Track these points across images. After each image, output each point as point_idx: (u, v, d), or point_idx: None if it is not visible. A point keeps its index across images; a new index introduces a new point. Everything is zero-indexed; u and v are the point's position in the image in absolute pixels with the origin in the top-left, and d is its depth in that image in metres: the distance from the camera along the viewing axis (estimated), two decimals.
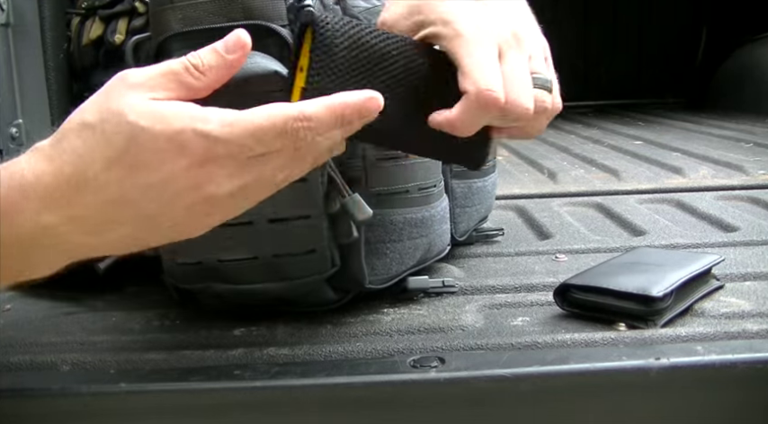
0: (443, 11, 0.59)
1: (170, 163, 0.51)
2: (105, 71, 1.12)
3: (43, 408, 0.61)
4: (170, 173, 0.51)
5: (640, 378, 0.61)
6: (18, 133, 1.12)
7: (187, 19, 0.67)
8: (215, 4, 0.66)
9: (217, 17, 0.66)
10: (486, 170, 0.92)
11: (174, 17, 0.67)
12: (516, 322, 0.72)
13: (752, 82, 2.40)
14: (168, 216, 0.53)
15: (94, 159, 0.51)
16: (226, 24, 0.66)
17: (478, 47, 0.58)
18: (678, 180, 1.36)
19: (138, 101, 0.52)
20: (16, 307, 0.80)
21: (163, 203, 0.52)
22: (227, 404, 0.61)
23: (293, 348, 0.67)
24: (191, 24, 0.67)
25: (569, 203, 1.20)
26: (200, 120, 0.51)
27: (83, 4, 1.12)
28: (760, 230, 0.99)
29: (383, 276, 0.74)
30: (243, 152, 0.52)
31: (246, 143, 0.52)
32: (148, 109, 0.52)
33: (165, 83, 0.53)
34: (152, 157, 0.51)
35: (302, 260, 0.69)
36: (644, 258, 0.79)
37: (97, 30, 1.09)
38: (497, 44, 0.59)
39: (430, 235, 0.78)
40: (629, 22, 2.88)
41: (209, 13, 0.67)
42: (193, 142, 0.51)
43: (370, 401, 0.61)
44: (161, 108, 0.52)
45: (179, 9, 0.67)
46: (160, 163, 0.51)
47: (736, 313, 0.71)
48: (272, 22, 0.67)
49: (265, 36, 0.67)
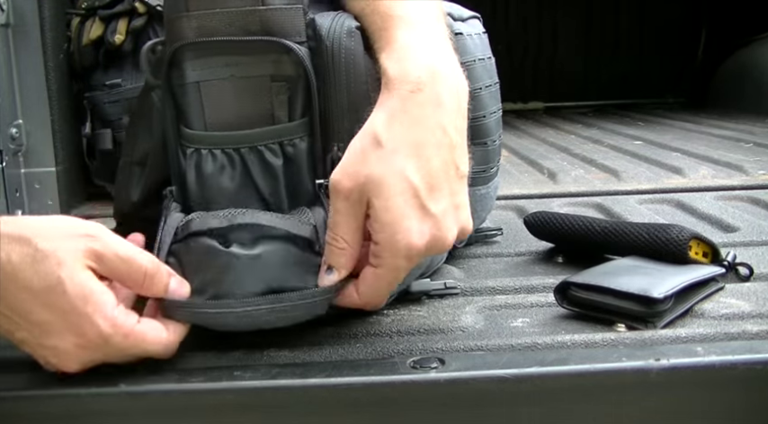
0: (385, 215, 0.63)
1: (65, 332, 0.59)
2: (105, 71, 1.12)
3: (43, 408, 0.61)
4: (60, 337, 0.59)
5: (640, 379, 0.61)
6: (18, 133, 1.12)
7: (202, 28, 0.65)
8: (232, 15, 0.65)
9: (233, 28, 0.65)
10: (491, 176, 0.91)
11: (188, 25, 0.66)
12: (516, 323, 0.72)
13: (752, 82, 2.40)
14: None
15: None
16: (242, 38, 0.65)
17: (396, 275, 0.65)
18: (678, 180, 1.36)
19: (76, 272, 0.59)
20: None
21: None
22: (227, 405, 0.61)
23: (293, 350, 0.67)
24: (206, 34, 0.65)
25: (569, 203, 1.20)
26: (104, 318, 0.59)
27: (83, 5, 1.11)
28: (760, 230, 0.99)
29: None
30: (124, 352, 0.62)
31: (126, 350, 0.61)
32: (81, 281, 0.59)
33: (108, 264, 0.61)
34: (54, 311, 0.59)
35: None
36: (646, 261, 0.79)
37: (97, 30, 1.09)
38: (412, 266, 0.65)
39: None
40: (630, 22, 2.88)
41: (226, 24, 0.65)
42: (91, 332, 0.59)
43: (370, 401, 0.61)
44: (91, 287, 0.59)
45: (194, 18, 0.65)
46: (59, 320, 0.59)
47: (736, 314, 0.71)
48: (288, 38, 0.66)
49: (282, 52, 0.66)
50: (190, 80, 0.67)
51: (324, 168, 0.68)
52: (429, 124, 0.64)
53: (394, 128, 0.63)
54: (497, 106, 0.89)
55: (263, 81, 0.66)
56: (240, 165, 0.67)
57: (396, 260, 0.63)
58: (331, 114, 0.68)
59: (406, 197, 0.62)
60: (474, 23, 0.89)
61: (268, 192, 0.68)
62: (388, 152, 0.62)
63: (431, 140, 0.63)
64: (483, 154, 0.86)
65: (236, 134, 0.67)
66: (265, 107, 0.67)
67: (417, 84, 0.64)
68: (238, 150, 0.67)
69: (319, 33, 0.67)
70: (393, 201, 0.62)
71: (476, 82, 0.82)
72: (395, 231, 0.62)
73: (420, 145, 0.63)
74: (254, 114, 0.67)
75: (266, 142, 0.67)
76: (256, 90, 0.67)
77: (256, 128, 0.67)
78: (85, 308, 0.58)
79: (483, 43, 0.88)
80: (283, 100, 0.67)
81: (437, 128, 0.64)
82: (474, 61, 0.83)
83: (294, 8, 0.66)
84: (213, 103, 0.67)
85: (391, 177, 0.62)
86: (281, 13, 0.66)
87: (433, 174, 0.63)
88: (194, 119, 0.68)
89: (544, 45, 2.87)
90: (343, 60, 0.67)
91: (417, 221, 0.63)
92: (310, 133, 0.68)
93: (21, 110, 1.10)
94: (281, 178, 0.68)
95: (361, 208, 0.63)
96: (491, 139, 0.87)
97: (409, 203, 0.62)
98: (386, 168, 0.62)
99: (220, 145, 0.67)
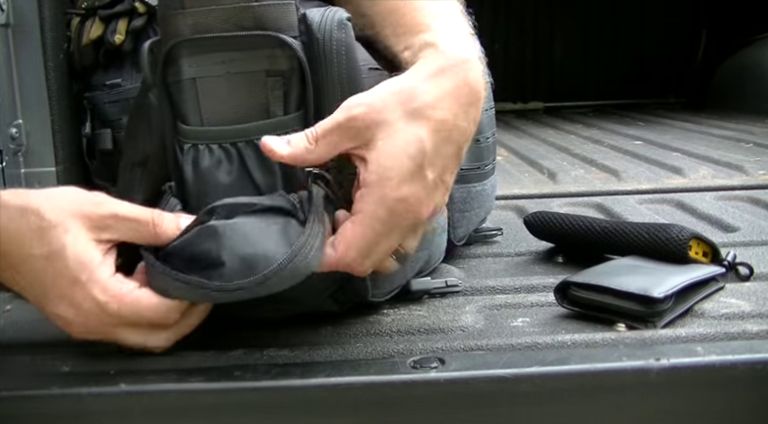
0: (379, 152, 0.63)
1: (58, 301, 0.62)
2: (105, 71, 1.12)
3: (43, 408, 0.61)
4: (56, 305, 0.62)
5: (640, 379, 0.61)
6: (18, 133, 1.12)
7: (198, 25, 0.66)
8: (227, 12, 0.66)
9: (229, 25, 0.66)
10: (486, 173, 0.91)
11: (184, 23, 0.66)
12: (516, 322, 0.72)
13: (752, 82, 2.40)
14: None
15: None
16: (238, 33, 0.66)
17: (372, 226, 0.63)
18: (678, 180, 1.36)
19: (79, 240, 0.61)
20: (16, 308, 0.80)
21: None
22: (228, 405, 0.61)
23: (293, 349, 0.67)
24: (202, 31, 0.66)
25: (569, 203, 1.20)
26: (98, 286, 0.61)
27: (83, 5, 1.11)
28: (760, 230, 0.99)
29: (385, 289, 0.74)
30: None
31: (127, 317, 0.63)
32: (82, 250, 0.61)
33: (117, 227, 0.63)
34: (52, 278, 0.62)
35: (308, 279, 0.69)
36: (646, 261, 0.79)
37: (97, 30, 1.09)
38: (390, 228, 0.63)
39: (430, 248, 0.79)
40: (629, 22, 2.88)
41: (221, 21, 0.66)
42: (85, 301, 0.61)
43: (370, 401, 0.61)
44: (90, 256, 0.62)
45: (190, 15, 0.66)
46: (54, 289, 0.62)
47: (736, 314, 0.71)
48: (282, 33, 0.66)
49: (276, 47, 0.67)
50: (186, 76, 0.67)
51: None
52: (463, 100, 0.65)
53: (432, 89, 0.64)
54: (489, 104, 0.90)
55: (258, 76, 0.67)
56: (237, 160, 0.68)
57: (377, 208, 0.63)
58: (325, 107, 0.68)
59: (412, 154, 0.63)
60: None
61: (265, 186, 0.68)
62: (415, 109, 0.63)
63: (458, 120, 0.65)
64: (476, 151, 0.87)
65: (232, 128, 0.68)
66: (261, 102, 0.68)
67: (470, 59, 0.66)
68: (235, 144, 0.68)
69: (311, 27, 0.67)
70: (399, 151, 0.63)
71: None
72: (387, 177, 0.62)
73: (447, 119, 0.64)
74: (249, 109, 0.68)
75: (262, 136, 0.67)
76: (252, 85, 0.67)
77: (252, 123, 0.68)
78: (81, 276, 0.61)
79: (474, 41, 0.89)
80: (279, 94, 0.68)
81: (468, 110, 0.65)
82: None
83: (286, 3, 0.67)
84: (209, 99, 0.67)
85: (408, 131, 0.63)
86: (274, 9, 0.66)
87: (443, 148, 0.64)
88: (191, 114, 0.68)
89: (544, 45, 2.87)
90: (335, 52, 0.67)
91: (410, 179, 0.63)
92: (305, 126, 0.68)
93: (21, 110, 1.10)
94: (278, 171, 0.68)
95: (354, 138, 0.63)
96: (484, 136, 0.88)
97: (413, 160, 0.63)
98: (407, 121, 0.63)
99: (217, 140, 0.68)
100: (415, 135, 0.63)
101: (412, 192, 0.63)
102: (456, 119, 0.65)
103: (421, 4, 0.71)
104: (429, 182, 0.64)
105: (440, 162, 0.64)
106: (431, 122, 0.63)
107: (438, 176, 0.65)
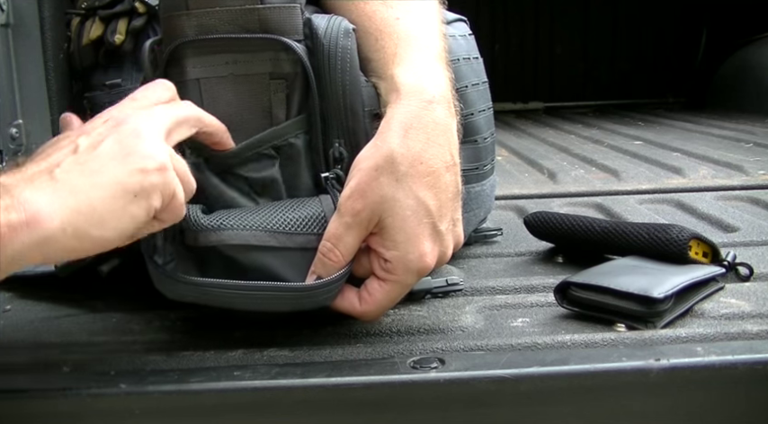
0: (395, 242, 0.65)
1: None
2: (105, 71, 1.12)
3: (43, 408, 0.61)
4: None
5: (640, 379, 0.61)
6: (18, 133, 1.12)
7: (202, 27, 0.66)
8: (232, 14, 0.66)
9: (233, 27, 0.66)
10: (485, 173, 0.91)
11: (188, 24, 0.67)
12: (516, 323, 0.72)
13: (752, 82, 2.40)
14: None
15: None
16: (242, 35, 0.66)
17: (402, 291, 0.67)
18: (678, 180, 1.36)
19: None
20: (16, 308, 0.80)
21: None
22: (227, 405, 0.61)
23: (293, 349, 0.67)
24: (205, 32, 0.66)
25: (569, 203, 1.20)
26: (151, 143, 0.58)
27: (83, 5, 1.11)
28: (760, 230, 0.99)
29: None
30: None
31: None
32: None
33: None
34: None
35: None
36: (646, 261, 0.79)
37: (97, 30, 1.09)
38: (407, 278, 0.66)
39: None
40: (629, 23, 2.89)
41: (226, 22, 0.66)
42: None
43: (370, 401, 0.61)
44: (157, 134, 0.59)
45: (194, 16, 0.66)
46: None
47: (736, 314, 0.72)
48: (287, 36, 0.67)
49: (280, 50, 0.67)
50: (190, 77, 0.68)
51: (326, 163, 0.69)
52: (440, 142, 0.66)
53: (409, 145, 0.65)
54: (487, 105, 0.90)
55: (261, 78, 0.68)
56: None
57: (407, 276, 0.66)
58: (328, 111, 0.68)
59: (420, 217, 0.65)
60: (459, 26, 0.91)
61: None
62: (403, 174, 0.64)
63: (442, 161, 0.66)
64: (474, 151, 0.87)
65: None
66: (263, 105, 0.68)
67: (433, 98, 0.67)
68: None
69: (316, 32, 0.68)
70: (408, 222, 0.65)
71: (460, 80, 0.83)
72: (408, 250, 0.65)
73: (433, 167, 0.66)
74: (252, 111, 0.68)
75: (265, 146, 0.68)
76: (255, 87, 0.68)
77: (253, 131, 0.68)
78: (138, 137, 0.58)
79: (468, 44, 0.90)
80: (281, 97, 0.68)
81: (447, 147, 0.67)
82: (458, 60, 0.85)
83: (292, 7, 0.67)
84: (213, 100, 0.68)
85: (407, 199, 0.64)
86: (279, 12, 0.67)
87: (442, 195, 0.66)
88: None
89: (544, 45, 2.87)
90: (340, 59, 0.68)
91: (429, 240, 0.65)
92: (307, 130, 0.69)
93: (21, 110, 1.10)
94: (279, 175, 0.69)
95: (367, 227, 0.65)
96: (482, 137, 0.88)
97: (423, 223, 0.65)
98: (401, 190, 0.64)
99: None
100: (415, 198, 0.65)
101: (436, 249, 0.66)
102: (439, 158, 0.66)
103: (391, 25, 0.71)
104: (444, 231, 0.67)
105: (445, 207, 0.66)
106: (422, 179, 0.65)
107: (450, 221, 0.67)
